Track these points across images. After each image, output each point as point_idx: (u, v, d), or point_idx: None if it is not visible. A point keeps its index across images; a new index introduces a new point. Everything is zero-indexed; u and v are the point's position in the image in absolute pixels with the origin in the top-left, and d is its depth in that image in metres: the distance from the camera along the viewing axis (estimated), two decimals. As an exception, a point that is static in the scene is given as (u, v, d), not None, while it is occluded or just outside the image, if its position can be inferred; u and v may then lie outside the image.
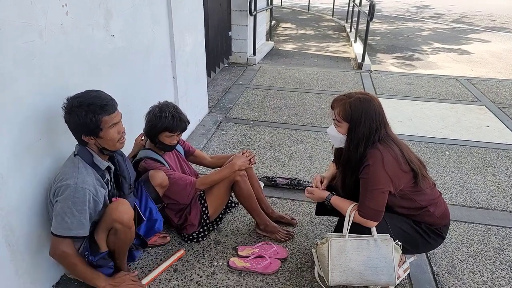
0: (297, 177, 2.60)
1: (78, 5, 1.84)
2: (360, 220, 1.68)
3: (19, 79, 1.52)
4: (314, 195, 1.92)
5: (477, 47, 8.07)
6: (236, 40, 6.18)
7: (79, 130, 1.59)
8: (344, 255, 1.68)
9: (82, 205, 1.56)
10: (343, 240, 1.70)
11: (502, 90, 5.05)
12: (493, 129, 3.88)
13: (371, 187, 1.64)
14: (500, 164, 3.19)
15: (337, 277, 1.68)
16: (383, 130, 1.70)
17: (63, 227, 1.56)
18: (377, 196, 1.64)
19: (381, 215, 1.66)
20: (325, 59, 6.94)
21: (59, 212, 1.55)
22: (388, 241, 1.68)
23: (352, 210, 1.71)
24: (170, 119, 2.00)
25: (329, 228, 2.37)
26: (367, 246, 1.68)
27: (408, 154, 1.72)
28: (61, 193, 1.55)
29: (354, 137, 1.69)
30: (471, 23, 10.83)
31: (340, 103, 1.72)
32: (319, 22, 11.23)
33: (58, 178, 1.60)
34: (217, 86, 5.09)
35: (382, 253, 1.67)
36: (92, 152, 1.66)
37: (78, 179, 1.56)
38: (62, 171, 1.61)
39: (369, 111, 1.67)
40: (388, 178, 1.63)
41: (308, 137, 3.64)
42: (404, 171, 1.67)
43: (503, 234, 2.35)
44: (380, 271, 1.67)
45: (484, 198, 2.73)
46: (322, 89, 5.03)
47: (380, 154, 1.64)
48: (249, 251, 2.14)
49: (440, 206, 1.79)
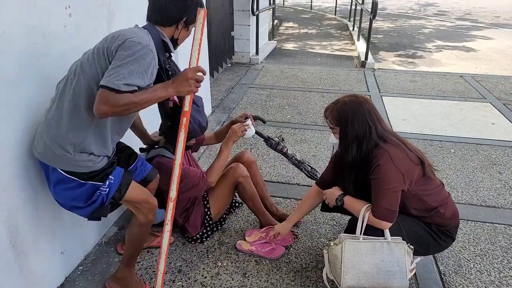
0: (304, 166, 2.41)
1: (81, 7, 1.84)
2: (374, 222, 1.66)
3: (23, 81, 1.52)
4: (326, 196, 1.91)
5: (481, 44, 8.01)
6: (239, 40, 6.17)
7: (184, 11, 1.55)
8: (357, 257, 1.65)
9: (146, 69, 1.38)
10: (357, 241, 1.67)
11: (507, 87, 5.00)
12: (498, 126, 3.84)
13: (384, 187, 1.62)
14: (507, 162, 3.16)
15: (350, 280, 1.66)
16: (379, 126, 1.69)
17: (117, 79, 1.32)
18: (390, 195, 1.62)
19: (395, 215, 1.64)
20: (328, 58, 6.91)
21: (120, 64, 1.33)
22: (402, 245, 1.66)
23: (366, 211, 1.68)
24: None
25: (334, 227, 2.36)
26: (381, 249, 1.65)
27: (410, 144, 1.72)
28: (128, 47, 1.37)
29: (344, 139, 1.71)
30: (475, 20, 10.76)
31: (329, 111, 1.77)
32: (321, 21, 11.20)
33: (125, 35, 1.42)
34: (220, 86, 5.08)
35: (395, 257, 1.65)
36: (163, 34, 1.58)
37: (150, 44, 1.43)
38: (129, 31, 1.44)
39: (357, 112, 1.68)
40: (401, 175, 1.61)
41: (312, 136, 3.62)
42: (415, 163, 1.66)
43: (510, 233, 2.32)
44: (392, 275, 1.65)
45: (491, 196, 2.70)
46: (325, 88, 5.02)
47: (387, 152, 1.62)
48: (256, 236, 2.21)
49: (450, 207, 1.78)
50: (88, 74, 1.42)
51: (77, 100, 1.42)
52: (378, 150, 1.65)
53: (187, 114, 1.48)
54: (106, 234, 2.25)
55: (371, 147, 1.67)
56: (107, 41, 1.43)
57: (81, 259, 2.05)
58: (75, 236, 1.97)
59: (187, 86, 1.42)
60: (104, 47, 1.42)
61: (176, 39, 1.63)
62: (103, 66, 1.40)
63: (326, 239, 2.25)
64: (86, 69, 1.42)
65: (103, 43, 1.45)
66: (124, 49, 1.37)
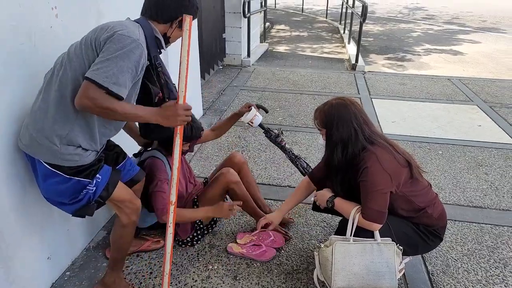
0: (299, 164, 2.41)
1: (68, 8, 1.83)
2: (364, 223, 1.67)
3: (9, 81, 1.51)
4: (317, 197, 1.93)
5: (468, 48, 8.15)
6: (230, 42, 6.18)
7: (181, 10, 1.53)
8: (348, 259, 1.67)
9: (135, 64, 1.38)
10: (348, 243, 1.69)
11: (494, 90, 5.09)
12: (485, 128, 3.91)
13: (372, 189, 1.64)
14: (493, 163, 3.22)
15: (340, 282, 1.67)
16: (366, 129, 1.70)
17: (106, 76, 1.31)
18: (378, 197, 1.64)
19: (384, 216, 1.66)
20: (319, 61, 6.96)
21: (109, 58, 1.33)
22: (391, 246, 1.68)
23: (356, 213, 1.70)
24: (188, 130, 1.95)
25: (325, 229, 2.37)
26: (371, 250, 1.67)
27: (398, 147, 1.75)
28: (117, 41, 1.35)
29: (330, 142, 1.74)
30: (463, 24, 10.95)
31: (318, 112, 1.79)
32: (313, 23, 11.27)
33: (114, 27, 1.40)
34: (212, 88, 5.08)
35: (384, 258, 1.66)
36: (156, 29, 1.55)
37: (140, 38, 1.41)
38: (118, 23, 1.43)
39: (343, 115, 1.69)
40: (388, 176, 1.63)
41: (303, 139, 3.64)
42: (402, 165, 1.68)
43: (497, 232, 2.36)
44: (382, 276, 1.66)
45: (477, 196, 2.74)
46: (316, 90, 5.05)
47: (374, 154, 1.64)
48: (248, 239, 2.22)
49: (438, 207, 1.80)
50: (75, 64, 1.40)
51: (63, 90, 1.40)
52: (365, 152, 1.66)
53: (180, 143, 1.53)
54: (94, 239, 2.23)
55: (358, 150, 1.68)
56: (95, 33, 1.42)
57: (68, 265, 2.02)
58: (62, 241, 1.95)
59: (175, 121, 1.46)
60: (92, 39, 1.40)
61: (168, 37, 1.61)
62: (90, 58, 1.38)
63: (317, 241, 2.26)
64: (73, 59, 1.41)
65: (91, 34, 1.43)
66: (113, 42, 1.35)
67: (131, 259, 2.10)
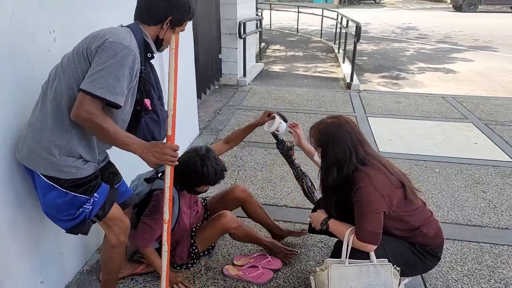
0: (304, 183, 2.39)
1: (66, 31, 1.84)
2: (359, 245, 1.65)
3: (6, 105, 1.51)
4: (312, 219, 1.92)
5: (462, 66, 8.28)
6: (226, 62, 6.25)
7: (170, 10, 1.51)
8: (344, 282, 1.63)
9: (130, 70, 1.37)
10: (343, 266, 1.65)
11: (488, 107, 5.15)
12: (481, 146, 3.93)
13: (366, 209, 1.62)
14: (490, 181, 3.21)
15: None
16: (361, 150, 1.70)
17: (101, 86, 1.32)
18: (372, 217, 1.62)
19: (379, 237, 1.63)
20: (314, 80, 7.03)
21: (103, 67, 1.32)
22: (388, 267, 1.65)
23: (351, 234, 1.67)
24: (212, 174, 1.89)
25: (323, 250, 2.34)
26: (367, 273, 1.63)
27: (392, 168, 1.73)
28: (109, 49, 1.35)
29: (325, 162, 1.74)
30: (455, 43, 11.15)
31: (313, 131, 1.79)
32: (307, 43, 11.46)
33: (104, 35, 1.39)
34: (208, 107, 5.10)
35: (382, 280, 1.63)
36: (146, 33, 1.53)
37: (132, 44, 1.40)
38: (108, 31, 1.42)
39: (338, 135, 1.69)
40: (381, 197, 1.62)
41: (299, 157, 3.59)
42: (396, 186, 1.67)
43: (496, 252, 2.34)
44: None
45: (476, 215, 2.73)
46: (312, 109, 5.08)
47: (368, 175, 1.64)
48: (244, 261, 2.17)
49: (433, 226, 1.79)
50: (68, 74, 1.40)
51: (58, 100, 1.40)
52: (358, 172, 1.66)
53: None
54: (88, 262, 2.18)
55: (351, 170, 1.68)
56: (86, 42, 1.42)
57: (61, 288, 1.98)
58: (55, 265, 1.90)
59: (160, 159, 1.48)
60: (83, 48, 1.40)
61: (161, 39, 1.57)
62: (83, 67, 1.38)
63: (315, 262, 2.23)
64: (66, 69, 1.41)
65: (82, 43, 1.43)
66: (105, 51, 1.35)
67: (126, 282, 2.05)
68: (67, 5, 1.85)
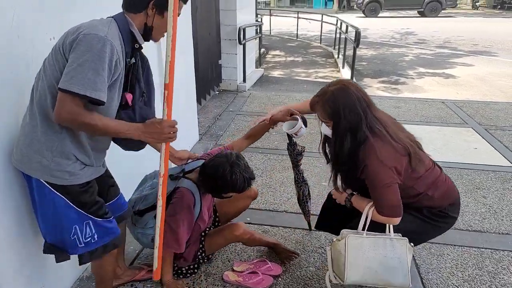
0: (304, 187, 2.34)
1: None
2: (383, 220, 1.65)
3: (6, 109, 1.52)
4: (336, 195, 1.93)
5: (461, 71, 8.30)
6: (226, 68, 6.27)
7: None
8: (361, 253, 1.64)
9: (108, 62, 1.30)
10: (361, 237, 1.66)
11: (488, 112, 5.15)
12: (481, 151, 3.92)
13: (378, 186, 1.61)
14: (490, 186, 3.21)
15: (354, 275, 1.64)
16: (369, 114, 1.64)
17: (81, 83, 1.26)
18: (388, 192, 1.60)
19: (400, 208, 1.63)
20: (314, 85, 7.05)
21: (80, 63, 1.26)
22: (403, 241, 1.66)
23: (370, 207, 1.67)
24: (241, 182, 1.87)
25: (322, 255, 2.33)
26: (384, 245, 1.65)
27: (397, 133, 1.68)
28: (83, 43, 1.28)
29: (338, 132, 1.66)
30: (455, 48, 11.19)
31: (318, 105, 1.69)
32: (307, 49, 11.50)
33: (79, 29, 1.33)
34: (208, 113, 5.11)
35: (397, 253, 1.64)
36: (131, 23, 1.44)
37: (108, 34, 1.32)
38: (85, 24, 1.35)
39: (348, 102, 1.62)
40: (390, 170, 1.59)
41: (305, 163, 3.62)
42: (401, 154, 1.64)
43: (497, 257, 2.33)
44: (395, 272, 1.63)
45: (476, 220, 2.72)
46: (312, 115, 5.08)
47: (373, 150, 1.60)
48: (244, 267, 2.17)
49: (441, 187, 1.74)
50: (48, 73, 1.36)
51: (43, 101, 1.37)
52: (364, 146, 1.61)
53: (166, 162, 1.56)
54: (88, 269, 2.16)
55: (363, 138, 1.62)
56: (63, 38, 1.37)
57: (61, 295, 1.97)
58: (55, 271, 1.89)
59: (159, 138, 1.46)
60: (60, 44, 1.36)
61: (150, 27, 1.47)
62: (60, 63, 1.33)
63: (315, 268, 2.22)
64: (47, 69, 1.38)
65: (60, 40, 1.38)
66: (79, 45, 1.28)
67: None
68: (67, 11, 1.85)
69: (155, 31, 1.49)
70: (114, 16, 1.44)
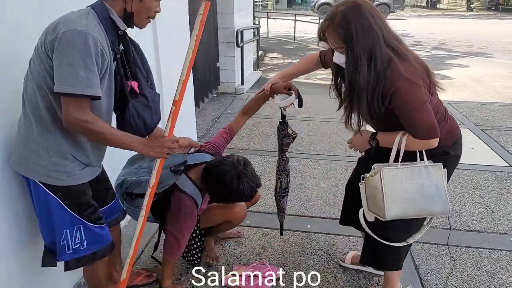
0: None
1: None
2: (422, 145, 1.55)
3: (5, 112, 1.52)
4: (353, 143, 1.76)
5: (457, 72, 8.35)
6: (224, 70, 6.29)
7: None
8: (397, 185, 1.56)
9: (95, 56, 1.28)
10: (395, 168, 1.58)
11: (484, 113, 5.19)
12: (477, 151, 3.95)
13: (412, 105, 1.47)
14: (487, 186, 3.23)
15: (394, 209, 1.56)
16: (386, 33, 1.48)
17: (76, 83, 1.25)
18: (423, 111, 1.48)
19: (437, 128, 1.51)
20: (312, 87, 7.08)
21: (67, 62, 1.25)
22: (438, 167, 1.59)
23: (403, 136, 1.55)
24: (248, 192, 1.81)
25: (322, 258, 2.34)
26: (419, 174, 1.57)
27: (412, 52, 1.59)
28: (65, 41, 1.25)
29: (352, 56, 1.47)
30: (450, 49, 11.26)
31: (329, 30, 1.50)
32: (305, 51, 11.54)
33: (56, 26, 1.29)
34: (206, 116, 5.12)
35: (433, 180, 1.58)
36: (111, 9, 1.39)
37: (88, 26, 1.28)
38: (62, 19, 1.31)
39: (361, 20, 1.44)
40: (420, 87, 1.48)
41: (298, 165, 3.64)
42: (423, 71, 1.54)
43: (495, 257, 2.34)
44: (433, 200, 1.58)
45: (474, 220, 2.74)
46: (310, 116, 5.10)
47: (398, 71, 1.45)
48: (244, 271, 2.16)
49: (444, 127, 1.64)
50: (34, 73, 1.35)
51: (34, 101, 1.37)
52: (390, 69, 1.46)
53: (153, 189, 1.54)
54: (88, 272, 2.17)
55: (386, 59, 1.46)
56: (43, 37, 1.34)
57: (59, 301, 1.96)
58: (52, 277, 1.87)
59: (160, 153, 1.47)
60: (41, 43, 1.33)
61: (130, 13, 1.40)
62: (44, 62, 1.32)
63: (315, 270, 2.22)
64: (32, 69, 1.37)
65: (40, 39, 1.35)
66: (61, 44, 1.26)
67: (125, 293, 2.03)
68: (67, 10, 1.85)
69: (136, 17, 1.42)
70: (92, 5, 1.40)
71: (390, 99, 1.48)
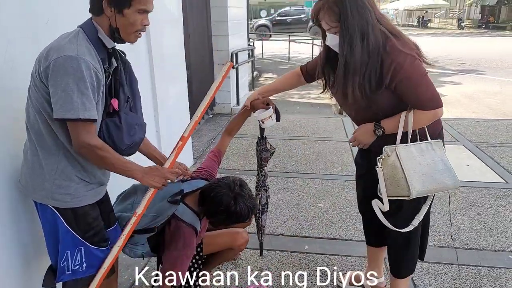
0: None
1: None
2: (430, 117, 1.57)
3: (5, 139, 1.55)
4: (357, 136, 1.74)
5: (450, 89, 8.47)
6: (220, 91, 6.33)
7: None
8: (413, 160, 1.58)
9: (89, 79, 1.31)
10: (407, 145, 1.60)
11: (478, 130, 5.23)
12: (473, 168, 3.96)
13: (416, 78, 1.50)
14: (484, 203, 3.23)
15: (417, 184, 1.56)
16: (377, 11, 1.52)
17: (71, 108, 1.28)
18: (427, 81, 1.53)
19: (440, 97, 1.57)
20: (307, 106, 7.15)
21: (62, 89, 1.27)
22: (439, 143, 1.65)
23: (408, 112, 1.57)
24: (245, 213, 1.78)
25: (321, 278, 2.30)
26: (427, 150, 1.62)
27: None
28: (57, 68, 1.28)
29: (346, 34, 1.48)
30: (442, 67, 11.45)
31: (324, 9, 1.51)
32: (299, 71, 11.71)
33: (48, 54, 1.31)
34: (202, 137, 5.14)
35: (439, 156, 1.62)
36: (99, 28, 1.40)
37: (78, 51, 1.30)
38: (53, 45, 1.33)
39: None
40: (419, 61, 1.53)
41: (294, 184, 3.64)
42: (415, 46, 1.58)
43: (494, 275, 2.32)
44: (444, 174, 1.61)
45: (472, 238, 2.72)
46: (305, 135, 5.13)
47: (397, 47, 1.48)
48: None
49: None
50: (33, 100, 1.39)
51: (36, 128, 1.41)
52: (388, 47, 1.48)
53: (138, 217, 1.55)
54: None
55: (379, 38, 1.48)
56: (37, 64, 1.37)
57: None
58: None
59: (157, 182, 1.49)
60: (35, 70, 1.36)
61: (115, 28, 1.39)
62: (41, 89, 1.35)
63: (311, 283, 2.19)
64: (31, 96, 1.41)
65: (34, 66, 1.38)
66: (54, 71, 1.28)
67: (119, 320, 1.99)
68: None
69: (122, 32, 1.41)
70: (81, 25, 1.41)
71: (391, 77, 1.50)
